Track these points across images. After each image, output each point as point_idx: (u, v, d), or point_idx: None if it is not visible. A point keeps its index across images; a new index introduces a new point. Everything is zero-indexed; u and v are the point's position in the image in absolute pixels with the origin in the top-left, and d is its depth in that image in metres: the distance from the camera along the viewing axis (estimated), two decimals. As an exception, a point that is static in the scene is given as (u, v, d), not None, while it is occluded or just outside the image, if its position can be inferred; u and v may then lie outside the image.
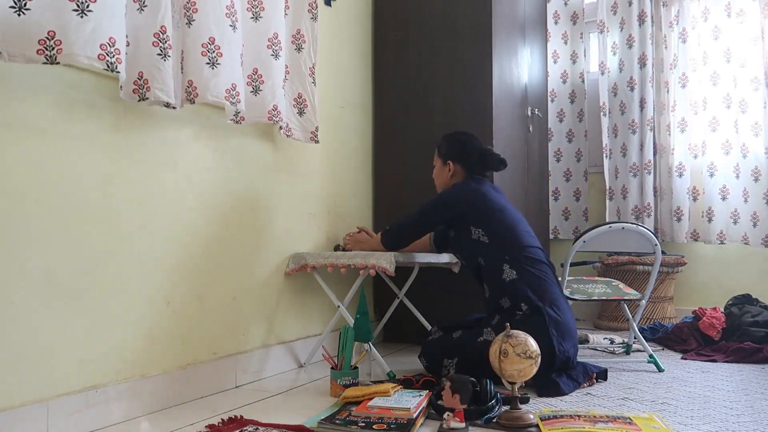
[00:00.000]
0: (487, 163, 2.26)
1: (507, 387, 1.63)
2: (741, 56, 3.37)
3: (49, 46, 1.31)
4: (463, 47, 2.78)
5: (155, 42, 1.60)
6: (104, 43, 1.40)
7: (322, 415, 1.59)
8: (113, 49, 1.42)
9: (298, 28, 2.27)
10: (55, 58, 1.32)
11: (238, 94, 1.84)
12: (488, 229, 2.10)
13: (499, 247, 2.08)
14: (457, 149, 2.27)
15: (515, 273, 2.03)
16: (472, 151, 2.25)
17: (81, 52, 1.35)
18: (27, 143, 1.41)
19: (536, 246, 2.13)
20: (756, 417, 1.64)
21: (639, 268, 3.30)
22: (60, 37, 1.32)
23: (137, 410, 1.65)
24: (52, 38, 1.31)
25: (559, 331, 1.95)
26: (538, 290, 2.01)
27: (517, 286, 2.02)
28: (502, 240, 2.09)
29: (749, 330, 2.62)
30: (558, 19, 3.93)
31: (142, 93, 1.60)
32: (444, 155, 2.29)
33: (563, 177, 3.90)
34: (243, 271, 2.09)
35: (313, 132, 2.31)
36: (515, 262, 2.05)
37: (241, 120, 1.97)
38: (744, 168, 3.35)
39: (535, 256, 2.09)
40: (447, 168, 2.27)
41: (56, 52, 1.32)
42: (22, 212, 1.39)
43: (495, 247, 2.08)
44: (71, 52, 1.34)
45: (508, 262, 2.05)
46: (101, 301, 1.57)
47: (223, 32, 1.78)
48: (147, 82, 1.59)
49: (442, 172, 2.30)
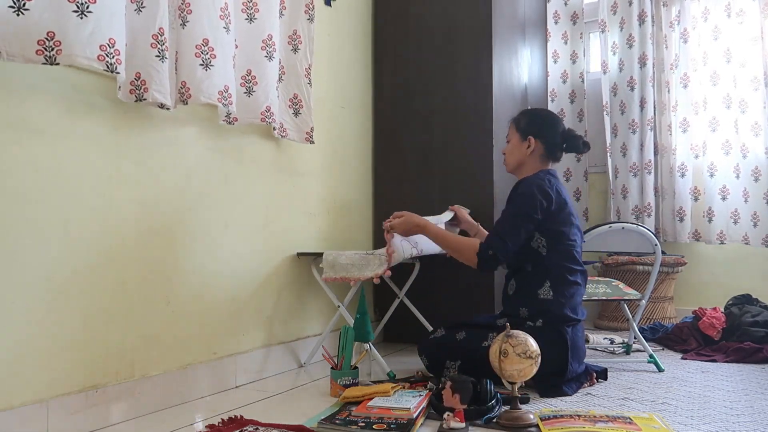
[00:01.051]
0: (571, 144, 2.13)
1: (507, 387, 1.63)
2: (741, 56, 3.37)
3: (49, 47, 1.31)
4: (463, 47, 2.77)
5: (153, 44, 1.60)
6: (104, 44, 1.40)
7: (322, 415, 1.59)
8: (113, 50, 1.42)
9: (294, 28, 2.27)
10: (54, 59, 1.32)
11: (230, 96, 1.84)
12: (550, 242, 2.00)
13: (552, 264, 2.00)
14: (540, 125, 2.12)
15: (551, 294, 1.97)
16: (556, 128, 2.13)
17: (80, 53, 1.36)
18: (27, 143, 1.41)
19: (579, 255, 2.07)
20: (756, 417, 1.64)
21: (639, 268, 3.30)
22: (59, 37, 1.33)
23: (137, 410, 1.65)
24: (51, 39, 1.32)
25: (574, 351, 1.94)
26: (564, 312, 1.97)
27: (545, 307, 1.97)
28: (557, 257, 2.00)
29: (749, 330, 2.62)
30: (558, 19, 3.93)
31: (140, 94, 1.60)
32: (524, 130, 2.13)
33: (563, 177, 3.89)
34: (243, 271, 2.09)
35: (308, 132, 2.31)
36: (556, 283, 1.99)
37: (233, 121, 1.98)
38: (744, 168, 3.35)
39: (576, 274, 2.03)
40: (526, 144, 2.10)
41: (56, 53, 1.32)
42: (22, 212, 1.39)
43: (547, 262, 2.00)
44: (71, 52, 1.34)
45: (551, 280, 1.99)
46: (101, 301, 1.58)
47: (216, 34, 1.79)
48: (144, 83, 1.59)
49: (519, 148, 2.13)
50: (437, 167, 2.80)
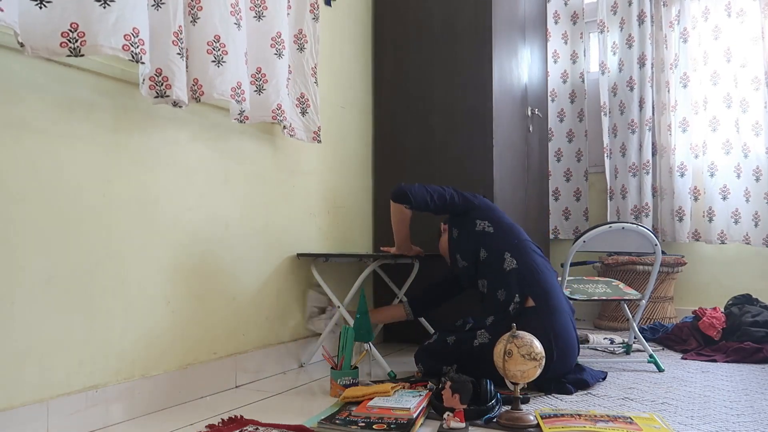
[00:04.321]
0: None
1: (510, 387, 1.63)
2: (741, 56, 3.37)
3: (73, 39, 1.30)
4: (463, 47, 2.78)
5: (174, 41, 1.59)
6: (128, 33, 1.38)
7: (322, 415, 1.59)
8: (137, 39, 1.40)
9: (300, 28, 2.27)
10: (79, 51, 1.31)
11: (243, 93, 1.83)
12: (492, 221, 2.12)
13: (503, 235, 2.09)
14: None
15: (515, 262, 2.03)
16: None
17: (105, 42, 1.34)
18: (27, 143, 1.41)
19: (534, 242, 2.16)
20: (756, 417, 1.64)
21: (639, 268, 3.30)
22: (83, 28, 1.31)
23: (137, 410, 1.65)
24: (75, 30, 1.30)
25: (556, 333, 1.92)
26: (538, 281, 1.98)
27: (516, 275, 2.00)
28: (506, 229, 2.11)
29: (749, 330, 2.62)
30: (558, 19, 3.93)
31: (161, 90, 1.58)
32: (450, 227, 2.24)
33: (563, 177, 3.90)
34: (243, 271, 2.09)
35: (315, 132, 2.31)
36: (516, 252, 2.05)
37: (245, 119, 1.97)
38: (745, 168, 3.35)
39: (535, 250, 2.11)
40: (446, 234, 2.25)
41: (80, 44, 1.31)
42: (21, 212, 1.39)
43: (498, 235, 2.09)
44: (95, 43, 1.32)
45: (510, 251, 2.05)
46: (101, 301, 1.57)
47: (228, 30, 1.78)
48: (167, 80, 1.58)
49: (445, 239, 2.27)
50: (437, 167, 2.80)
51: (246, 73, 1.89)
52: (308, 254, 2.35)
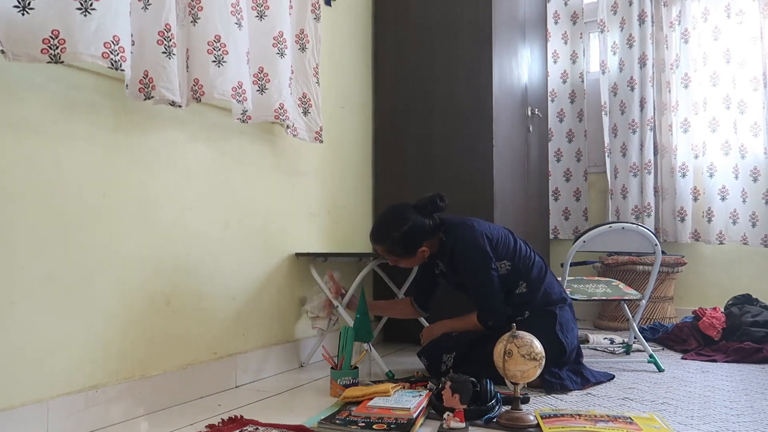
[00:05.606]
0: (437, 209, 2.06)
1: (509, 387, 1.63)
2: (740, 56, 3.37)
3: (53, 45, 1.31)
4: (463, 47, 2.77)
5: (159, 40, 1.59)
6: (108, 42, 1.39)
7: (322, 415, 1.59)
8: (117, 47, 1.41)
9: (301, 28, 2.27)
10: (59, 57, 1.32)
11: (244, 92, 1.83)
12: (511, 258, 2.05)
13: (518, 268, 2.05)
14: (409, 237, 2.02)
15: (525, 286, 2.05)
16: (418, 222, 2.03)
17: (85, 50, 1.35)
18: (27, 143, 1.40)
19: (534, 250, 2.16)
20: (756, 417, 1.64)
21: (639, 268, 3.30)
22: (64, 36, 1.32)
23: (137, 410, 1.65)
24: (56, 37, 1.31)
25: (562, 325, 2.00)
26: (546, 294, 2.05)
27: (525, 299, 2.04)
28: (521, 261, 2.06)
29: (749, 330, 2.62)
30: (558, 19, 3.93)
31: (148, 92, 1.59)
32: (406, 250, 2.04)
33: (563, 177, 3.90)
34: (243, 271, 2.09)
35: (317, 132, 2.31)
36: (527, 277, 2.06)
37: (247, 119, 1.97)
38: (743, 168, 3.35)
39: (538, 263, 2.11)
40: (421, 253, 2.05)
41: (60, 51, 1.32)
42: (22, 212, 1.39)
43: (514, 271, 2.05)
44: (75, 50, 1.33)
45: (524, 279, 2.05)
46: (101, 301, 1.57)
47: (228, 30, 1.78)
48: (152, 81, 1.58)
49: (419, 258, 2.09)
50: (437, 167, 2.80)
51: (247, 73, 1.88)
52: (306, 254, 2.35)
